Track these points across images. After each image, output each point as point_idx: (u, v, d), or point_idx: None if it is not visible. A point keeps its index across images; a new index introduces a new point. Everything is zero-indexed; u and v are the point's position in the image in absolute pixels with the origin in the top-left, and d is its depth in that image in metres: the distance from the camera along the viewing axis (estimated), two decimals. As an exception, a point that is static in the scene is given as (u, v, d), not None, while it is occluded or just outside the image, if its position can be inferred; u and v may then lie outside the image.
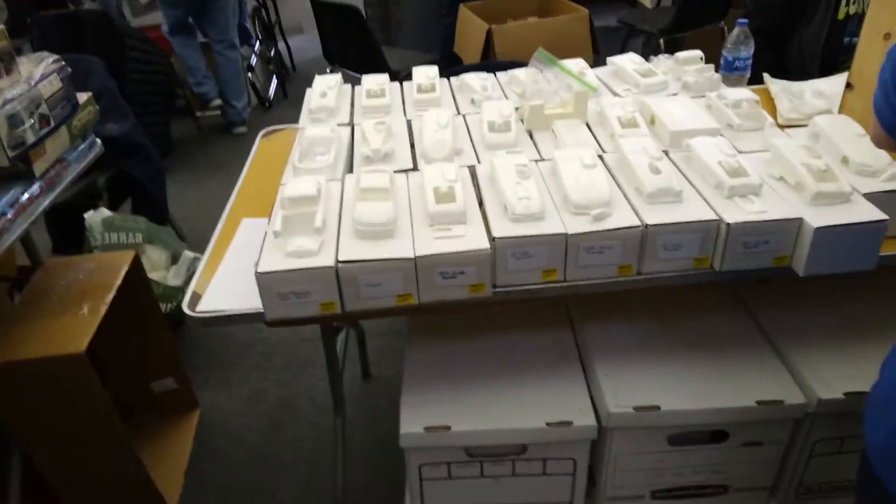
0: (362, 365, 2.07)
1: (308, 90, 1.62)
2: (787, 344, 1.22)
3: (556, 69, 1.43)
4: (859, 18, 1.78)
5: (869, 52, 1.34)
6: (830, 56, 1.82)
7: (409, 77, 1.69)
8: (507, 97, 1.54)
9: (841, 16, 1.84)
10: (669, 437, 1.14)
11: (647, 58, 1.63)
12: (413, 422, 1.15)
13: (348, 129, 1.45)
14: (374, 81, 1.62)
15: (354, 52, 3.11)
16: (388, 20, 4.00)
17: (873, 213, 1.01)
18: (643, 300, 1.36)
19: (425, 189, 1.12)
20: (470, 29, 3.16)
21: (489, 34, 2.97)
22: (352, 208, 1.09)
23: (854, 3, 1.81)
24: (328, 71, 3.39)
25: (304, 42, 5.15)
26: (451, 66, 3.44)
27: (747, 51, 1.55)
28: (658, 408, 1.11)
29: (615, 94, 1.51)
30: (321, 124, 1.45)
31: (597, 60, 3.10)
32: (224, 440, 1.91)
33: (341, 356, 1.66)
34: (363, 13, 2.92)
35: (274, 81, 4.37)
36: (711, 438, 1.16)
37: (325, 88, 1.59)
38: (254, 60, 4.16)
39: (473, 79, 1.60)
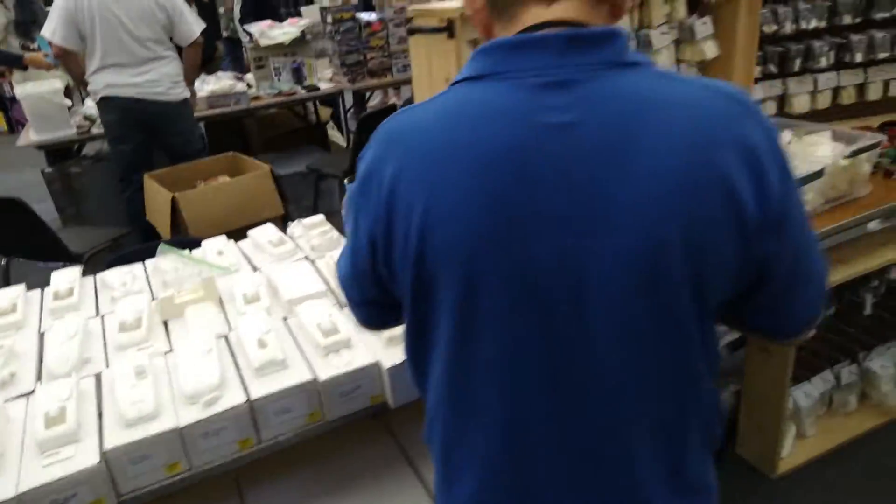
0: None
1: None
2: (422, 461, 1.42)
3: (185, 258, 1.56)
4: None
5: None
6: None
7: (94, 256, 1.68)
8: (151, 287, 1.62)
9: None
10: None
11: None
12: None
13: (-29, 356, 1.39)
14: (5, 297, 1.58)
15: (27, 241, 2.94)
16: (75, 197, 3.86)
17: (433, 344, 1.27)
18: (303, 450, 1.48)
19: (35, 415, 1.13)
20: (156, 199, 3.20)
21: (174, 202, 3.05)
22: (-53, 458, 1.06)
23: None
24: (1, 262, 3.14)
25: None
26: (146, 237, 3.42)
27: (362, 209, 1.85)
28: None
29: (254, 267, 1.68)
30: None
31: (288, 208, 3.34)
32: None
33: None
34: (26, 203, 2.80)
35: (-55, 279, 3.88)
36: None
37: (-54, 315, 1.51)
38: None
39: (113, 275, 1.65)
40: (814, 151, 1.74)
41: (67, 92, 3.79)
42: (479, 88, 0.68)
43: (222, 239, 1.79)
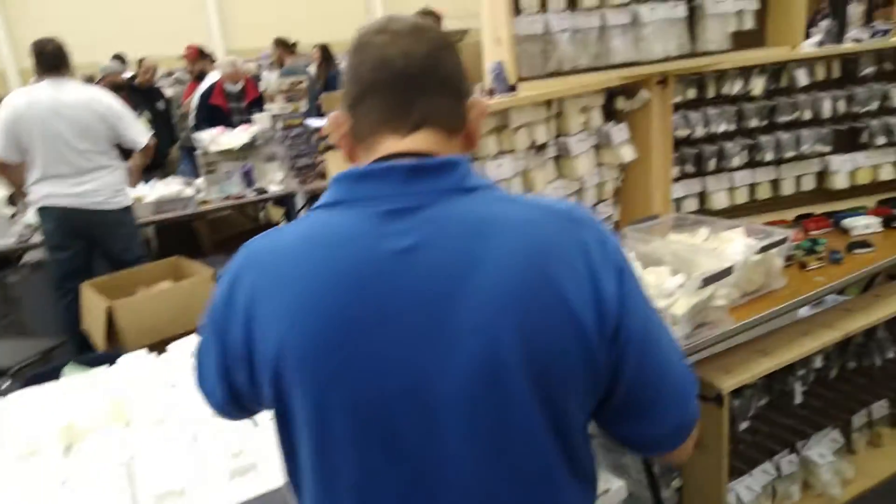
0: None
1: None
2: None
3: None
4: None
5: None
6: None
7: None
8: (58, 410, 1.54)
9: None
10: None
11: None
12: None
13: None
14: None
15: (-50, 357, 2.82)
16: (13, 306, 3.75)
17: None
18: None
19: None
20: (91, 308, 3.12)
21: (110, 311, 2.97)
22: None
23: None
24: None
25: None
26: (82, 348, 3.32)
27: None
28: None
29: (170, 383, 1.63)
30: None
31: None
32: None
33: None
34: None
35: None
36: None
37: None
38: None
39: (20, 398, 1.58)
40: (727, 248, 1.81)
41: (13, 199, 3.76)
42: (332, 215, 0.72)
43: (142, 353, 1.74)
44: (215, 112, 5.06)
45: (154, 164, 4.49)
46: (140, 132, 3.34)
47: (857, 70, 2.36)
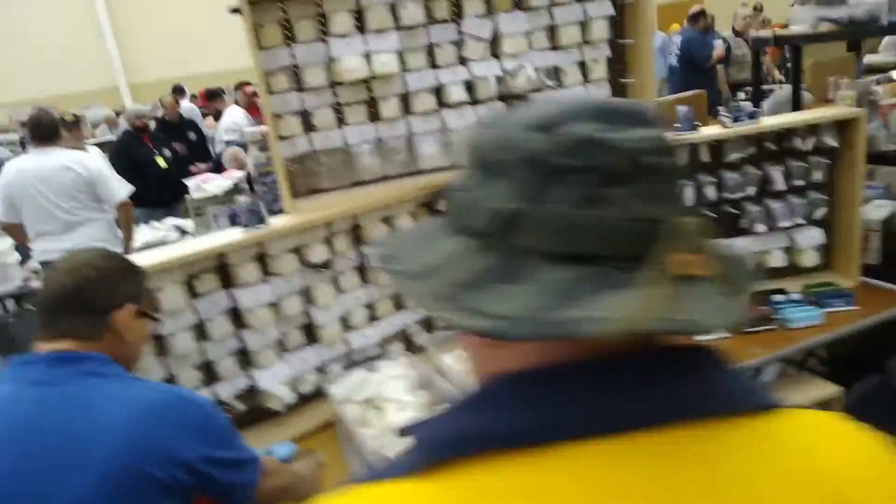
0: None
1: None
2: None
3: None
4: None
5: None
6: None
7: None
8: None
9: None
10: None
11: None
12: None
13: None
14: None
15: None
16: (8, 345, 4.18)
17: None
18: None
19: None
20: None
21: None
22: None
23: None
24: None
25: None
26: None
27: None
28: None
29: None
30: None
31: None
32: None
33: None
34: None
35: None
36: None
37: None
38: None
39: None
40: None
41: (19, 248, 4.17)
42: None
43: None
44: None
45: (178, 197, 4.73)
46: (116, 189, 3.58)
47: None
